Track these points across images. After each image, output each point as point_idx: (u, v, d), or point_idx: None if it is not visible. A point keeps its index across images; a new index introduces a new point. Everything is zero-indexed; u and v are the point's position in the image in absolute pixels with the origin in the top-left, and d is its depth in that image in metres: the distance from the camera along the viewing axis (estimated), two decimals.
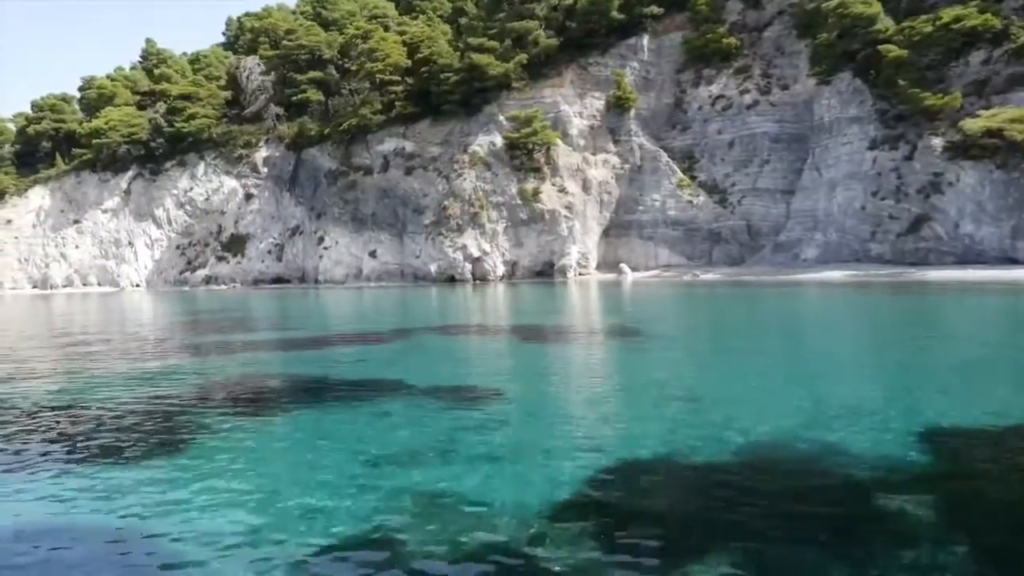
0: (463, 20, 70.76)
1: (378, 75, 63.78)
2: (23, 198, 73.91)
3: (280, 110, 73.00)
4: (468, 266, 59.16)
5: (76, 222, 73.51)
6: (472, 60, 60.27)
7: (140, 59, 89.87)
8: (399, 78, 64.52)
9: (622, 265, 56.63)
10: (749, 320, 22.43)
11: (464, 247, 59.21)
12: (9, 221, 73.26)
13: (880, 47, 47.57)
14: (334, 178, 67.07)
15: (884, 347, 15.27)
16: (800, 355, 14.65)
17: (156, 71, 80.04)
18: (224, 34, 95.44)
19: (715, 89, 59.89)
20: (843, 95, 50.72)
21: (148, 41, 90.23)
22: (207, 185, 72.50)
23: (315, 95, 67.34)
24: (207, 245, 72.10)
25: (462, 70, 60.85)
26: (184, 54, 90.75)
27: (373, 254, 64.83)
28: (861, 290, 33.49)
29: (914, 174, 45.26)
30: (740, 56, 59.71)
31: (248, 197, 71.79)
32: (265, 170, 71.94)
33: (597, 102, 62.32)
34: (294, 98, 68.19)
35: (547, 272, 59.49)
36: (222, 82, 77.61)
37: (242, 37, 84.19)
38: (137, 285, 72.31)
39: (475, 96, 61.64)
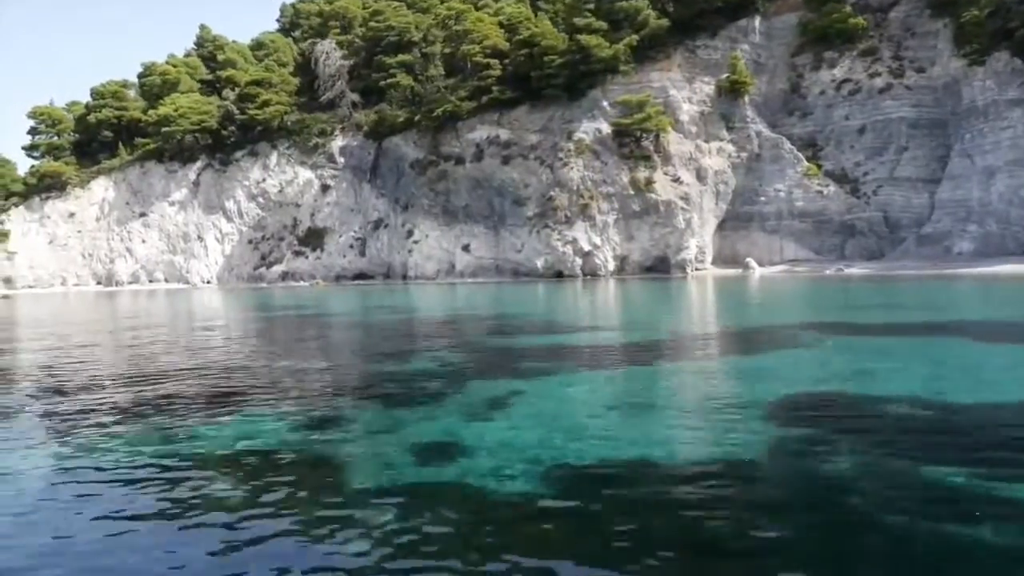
0: (544, 3, 67.31)
1: (474, 58, 59.99)
2: (86, 190, 70.04)
3: (356, 97, 69.38)
4: (578, 261, 55.62)
5: (142, 215, 69.72)
6: (580, 41, 56.64)
7: (195, 46, 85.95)
8: (496, 61, 60.74)
9: (749, 260, 53.06)
10: None
11: (574, 240, 55.65)
12: (72, 214, 69.41)
13: None
14: (422, 168, 63.37)
15: None
16: None
17: (220, 56, 76.17)
18: (278, 20, 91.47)
19: (838, 73, 56.37)
20: (1000, 76, 47.17)
21: (202, 27, 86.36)
22: (280, 176, 68.80)
23: (405, 79, 63.60)
24: (282, 239, 68.40)
25: (567, 52, 57.20)
26: (233, 41, 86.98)
27: (466, 248, 61.21)
28: None
29: None
30: (865, 38, 56.21)
31: (324, 188, 68.12)
32: (342, 160, 68.28)
33: (707, 87, 58.84)
34: (382, 83, 64.37)
35: (658, 267, 55.96)
36: (290, 68, 73.87)
37: (306, 22, 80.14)
38: (208, 282, 68.55)
39: (580, 80, 58.02)
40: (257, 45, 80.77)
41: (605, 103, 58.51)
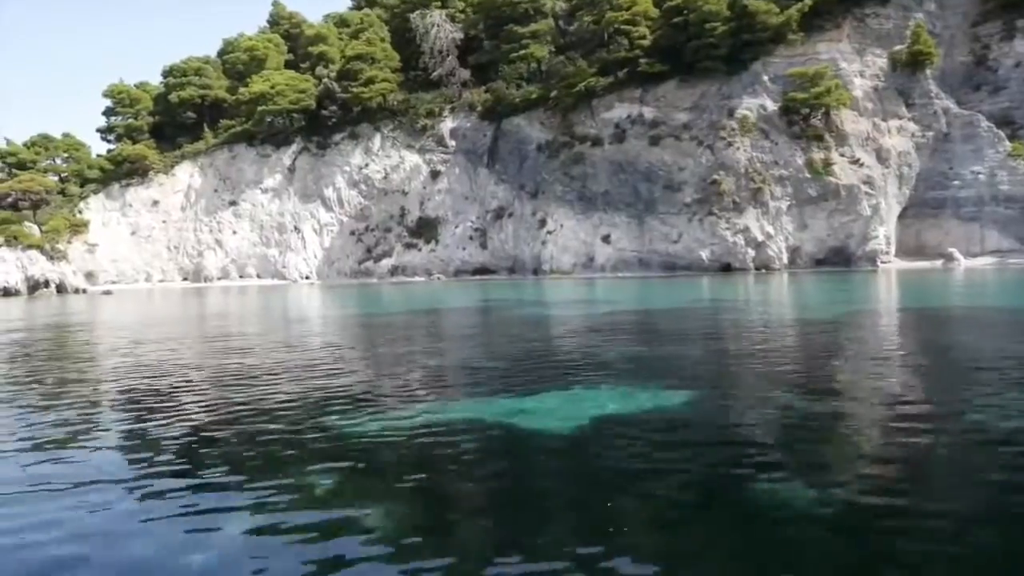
0: None
1: (619, 27, 53.84)
2: (169, 176, 63.63)
3: (467, 73, 63.17)
4: (751, 252, 49.59)
5: (232, 204, 63.35)
6: (745, 7, 50.62)
7: (268, 24, 79.66)
8: (637, 30, 54.65)
9: (952, 251, 47.01)
10: None
11: (746, 229, 49.64)
12: (155, 202, 62.99)
13: None
14: (553, 151, 57.19)
15: None
16: None
17: (308, 32, 69.83)
18: None
19: None
20: None
21: (276, 4, 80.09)
22: (385, 161, 62.53)
23: (540, 51, 57.38)
24: (389, 230, 62.10)
25: (731, 19, 51.15)
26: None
27: (606, 239, 55.04)
28: None
29: None
30: None
31: (435, 175, 61.88)
32: (453, 143, 62.04)
33: (879, 60, 52.91)
34: (512, 55, 58.06)
35: (832, 260, 49.97)
36: (386, 44, 67.48)
37: None
38: (306, 277, 62.25)
39: (742, 51, 51.99)
40: (341, 22, 74.34)
41: (765, 77, 52.56)
